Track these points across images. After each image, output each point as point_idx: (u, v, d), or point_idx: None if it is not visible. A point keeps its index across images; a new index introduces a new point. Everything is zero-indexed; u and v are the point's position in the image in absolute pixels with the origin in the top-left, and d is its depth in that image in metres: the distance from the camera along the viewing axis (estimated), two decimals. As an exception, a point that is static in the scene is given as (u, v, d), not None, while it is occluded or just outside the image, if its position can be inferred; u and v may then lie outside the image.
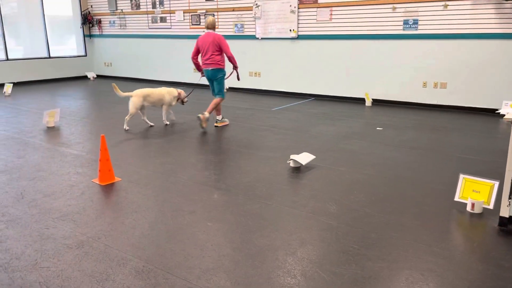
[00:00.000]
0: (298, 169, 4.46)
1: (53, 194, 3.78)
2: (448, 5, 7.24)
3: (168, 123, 6.61)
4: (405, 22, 7.73)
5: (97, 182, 4.06)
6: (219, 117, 6.60)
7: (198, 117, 6.15)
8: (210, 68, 6.22)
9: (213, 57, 6.17)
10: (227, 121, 6.70)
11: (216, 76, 6.27)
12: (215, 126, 6.49)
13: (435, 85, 7.71)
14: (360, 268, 2.61)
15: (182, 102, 6.75)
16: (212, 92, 6.52)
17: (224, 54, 6.26)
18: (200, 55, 6.42)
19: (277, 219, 3.28)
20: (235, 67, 6.37)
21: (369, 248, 2.84)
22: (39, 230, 3.10)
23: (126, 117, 6.24)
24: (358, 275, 2.53)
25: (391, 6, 7.78)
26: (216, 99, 6.39)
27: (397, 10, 7.75)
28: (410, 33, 7.72)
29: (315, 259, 2.71)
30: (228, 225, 3.18)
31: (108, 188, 3.92)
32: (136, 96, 6.15)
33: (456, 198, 3.54)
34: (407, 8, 7.64)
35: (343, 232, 3.07)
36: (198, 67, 6.43)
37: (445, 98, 7.69)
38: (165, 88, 6.57)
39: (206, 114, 6.17)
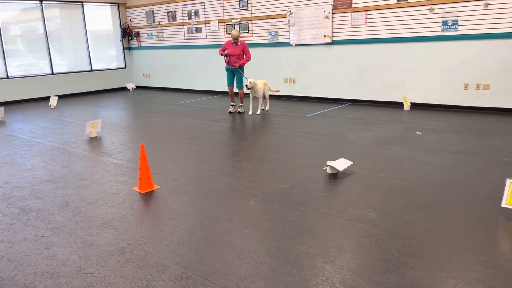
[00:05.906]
0: (335, 175, 4.40)
1: (96, 202, 3.91)
2: (488, 4, 6.99)
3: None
4: (444, 23, 7.51)
5: (137, 190, 4.17)
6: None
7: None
8: None
9: None
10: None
11: None
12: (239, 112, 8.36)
13: (478, 87, 7.43)
14: (402, 276, 2.53)
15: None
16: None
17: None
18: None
19: (314, 226, 3.24)
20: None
21: (411, 256, 2.75)
22: (83, 237, 3.21)
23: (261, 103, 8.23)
24: (399, 284, 2.46)
25: (428, 7, 7.59)
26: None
27: (435, 11, 7.55)
28: (450, 34, 7.49)
29: (354, 267, 2.65)
30: (265, 232, 3.18)
31: (147, 196, 4.02)
32: (266, 84, 8.11)
33: (503, 204, 3.38)
34: (446, 8, 7.43)
35: (383, 239, 3.00)
36: None
37: (489, 99, 7.39)
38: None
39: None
